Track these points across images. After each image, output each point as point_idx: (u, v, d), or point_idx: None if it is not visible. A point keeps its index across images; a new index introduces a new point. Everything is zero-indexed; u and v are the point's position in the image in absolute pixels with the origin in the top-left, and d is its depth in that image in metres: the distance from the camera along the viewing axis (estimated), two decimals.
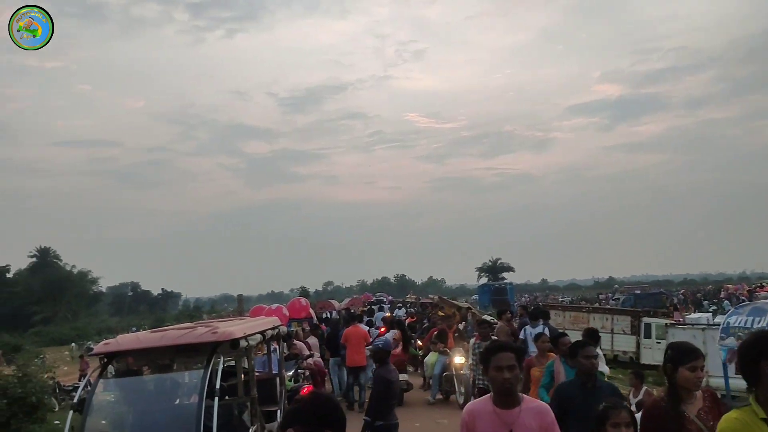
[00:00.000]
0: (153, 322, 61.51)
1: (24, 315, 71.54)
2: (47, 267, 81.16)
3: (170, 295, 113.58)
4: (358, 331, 14.05)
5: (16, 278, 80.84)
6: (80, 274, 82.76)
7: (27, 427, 17.62)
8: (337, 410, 2.24)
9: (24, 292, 75.20)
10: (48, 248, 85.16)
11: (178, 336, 6.03)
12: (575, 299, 66.04)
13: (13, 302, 74.19)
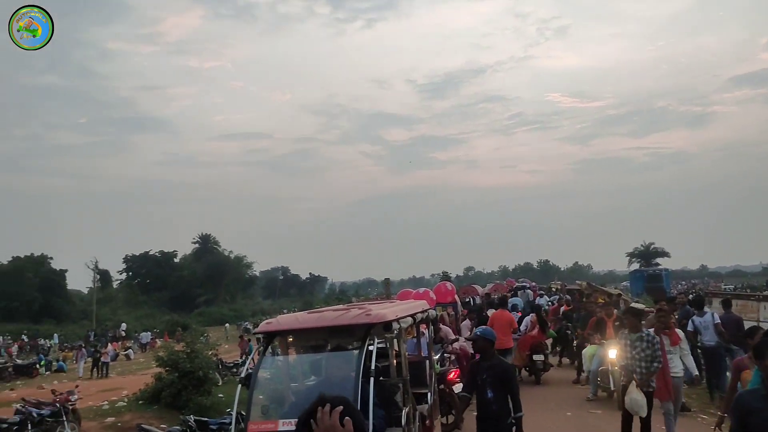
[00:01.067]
0: (302, 305, 64.68)
1: (189, 297, 78.06)
2: (208, 252, 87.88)
3: (317, 279, 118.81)
4: (504, 315, 14.70)
5: (182, 263, 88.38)
6: (237, 259, 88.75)
7: (196, 399, 19.14)
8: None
9: (189, 276, 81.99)
10: (209, 235, 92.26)
11: (334, 317, 6.18)
12: (740, 287, 60.63)
13: (181, 285, 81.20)
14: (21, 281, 64.61)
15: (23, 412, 15.77)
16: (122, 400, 20.84)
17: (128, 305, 75.18)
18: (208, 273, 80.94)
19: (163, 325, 58.28)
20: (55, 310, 66.66)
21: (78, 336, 48.92)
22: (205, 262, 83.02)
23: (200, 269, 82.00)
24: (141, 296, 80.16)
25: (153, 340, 45.35)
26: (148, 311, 72.59)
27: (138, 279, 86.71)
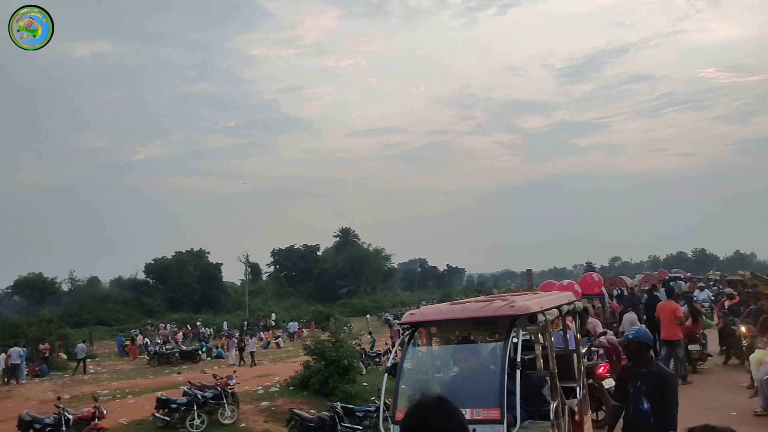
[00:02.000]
0: (441, 297, 64.98)
1: (332, 288, 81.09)
2: (348, 245, 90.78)
3: (455, 270, 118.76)
4: (670, 306, 14.53)
5: (325, 256, 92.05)
6: (376, 252, 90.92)
7: (342, 386, 19.82)
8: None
9: (331, 268, 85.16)
10: (348, 228, 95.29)
11: (477, 309, 6.12)
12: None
13: (324, 277, 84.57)
14: (183, 274, 70.50)
15: (189, 393, 17.18)
16: (274, 385, 22.07)
17: (277, 296, 79.59)
18: (349, 265, 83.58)
19: (308, 315, 61.01)
20: (212, 301, 72.11)
21: (233, 325, 52.52)
22: (346, 255, 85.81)
23: (341, 262, 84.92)
24: (288, 288, 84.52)
25: (300, 330, 47.63)
26: (294, 302, 76.43)
27: (284, 271, 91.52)
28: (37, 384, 26.69)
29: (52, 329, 35.91)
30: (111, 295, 66.28)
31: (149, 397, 20.28)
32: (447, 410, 2.20)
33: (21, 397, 23.01)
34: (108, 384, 25.60)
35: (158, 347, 35.02)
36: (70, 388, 23.76)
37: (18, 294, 67.33)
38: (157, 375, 28.52)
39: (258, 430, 16.85)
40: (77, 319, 57.26)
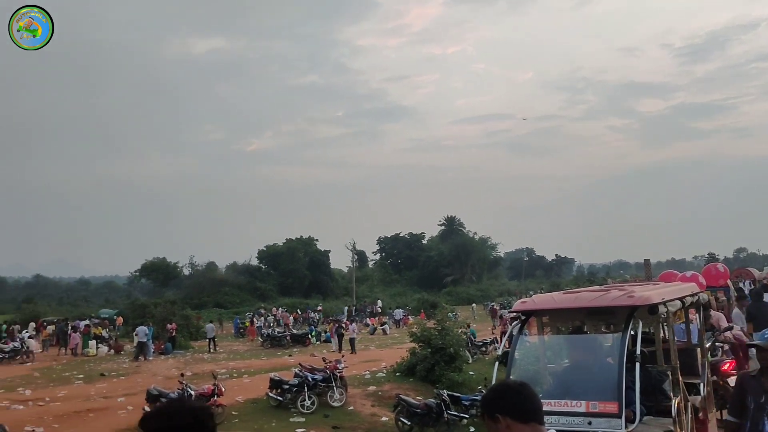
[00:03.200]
0: (549, 287, 63.30)
1: (437, 276, 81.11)
2: (454, 234, 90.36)
3: (564, 260, 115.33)
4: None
5: (430, 244, 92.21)
6: (481, 241, 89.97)
7: (448, 374, 19.77)
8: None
9: (437, 257, 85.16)
10: (454, 217, 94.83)
11: (592, 298, 5.87)
12: None
13: (429, 265, 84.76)
14: (293, 260, 73.05)
15: (301, 375, 17.75)
16: (381, 371, 22.38)
17: (383, 283, 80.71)
18: (454, 254, 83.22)
19: (414, 302, 61.42)
20: (321, 286, 74.25)
21: (341, 310, 53.84)
22: (451, 244, 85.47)
23: (447, 250, 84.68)
24: (393, 275, 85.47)
25: (406, 317, 48.04)
26: (400, 289, 77.18)
27: (390, 259, 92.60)
28: (162, 361, 28.57)
29: (175, 310, 38.33)
30: (227, 279, 69.87)
31: (263, 378, 21.16)
32: (530, 393, 2.43)
33: (148, 373, 24.72)
34: (225, 363, 26.99)
35: (271, 330, 36.49)
36: (192, 366, 25.27)
37: (145, 277, 72.32)
38: (269, 357, 29.74)
39: (365, 413, 17.16)
40: (197, 301, 60.81)
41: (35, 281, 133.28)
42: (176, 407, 2.13)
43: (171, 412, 2.08)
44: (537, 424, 2.43)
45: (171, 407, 2.12)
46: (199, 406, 2.21)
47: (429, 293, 68.14)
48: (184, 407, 2.14)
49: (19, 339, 32.30)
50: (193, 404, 2.29)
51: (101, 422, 15.95)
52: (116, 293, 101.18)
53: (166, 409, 2.10)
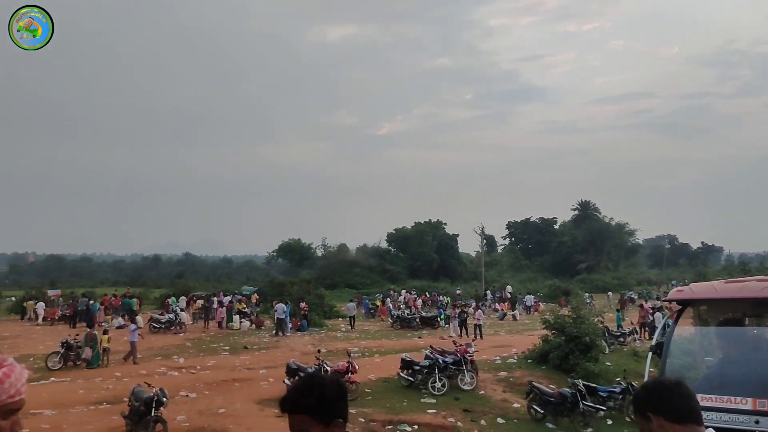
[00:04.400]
0: (694, 276, 59.16)
1: (570, 263, 78.39)
2: (588, 219, 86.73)
3: (711, 249, 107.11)
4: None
5: (562, 229, 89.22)
6: (618, 226, 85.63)
7: (583, 364, 19.10)
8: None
9: (570, 242, 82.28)
10: (588, 201, 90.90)
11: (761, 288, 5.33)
12: None
13: (561, 251, 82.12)
14: (422, 243, 73.61)
15: (431, 357, 17.89)
16: (512, 357, 22.05)
17: (512, 269, 79.33)
18: (589, 239, 79.96)
19: (545, 289, 59.86)
20: (449, 270, 74.28)
21: (469, 294, 53.59)
22: (585, 229, 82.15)
23: (580, 236, 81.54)
24: (523, 260, 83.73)
25: (537, 303, 46.94)
26: (530, 275, 75.49)
27: (520, 244, 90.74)
28: (299, 337, 29.93)
29: (310, 289, 39.97)
30: (358, 261, 71.76)
31: (393, 358, 21.56)
32: (686, 392, 2.31)
33: (286, 348, 26.00)
34: (357, 342, 27.78)
35: (401, 312, 37.06)
36: (326, 343, 26.25)
37: (281, 257, 76.00)
38: (399, 338, 30.23)
39: (497, 398, 16.99)
40: (330, 281, 63.03)
41: (185, 259, 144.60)
42: (327, 379, 2.18)
43: (323, 383, 2.13)
44: (694, 425, 2.30)
45: (321, 380, 2.16)
46: (339, 378, 2.31)
47: (561, 280, 66.11)
48: (332, 379, 2.21)
49: (173, 311, 35.17)
50: (336, 377, 2.41)
51: (246, 392, 17.01)
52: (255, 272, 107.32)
53: (317, 381, 2.14)
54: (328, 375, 2.43)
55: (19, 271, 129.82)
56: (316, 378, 2.16)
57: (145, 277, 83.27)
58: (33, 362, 21.95)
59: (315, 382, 2.13)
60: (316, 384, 2.12)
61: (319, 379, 2.15)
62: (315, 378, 2.16)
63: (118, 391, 16.67)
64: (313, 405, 2.06)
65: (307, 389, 2.10)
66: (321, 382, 2.13)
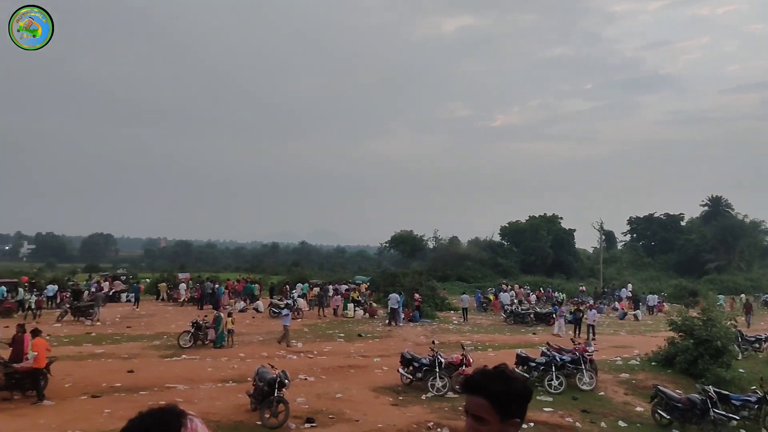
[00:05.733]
0: None
1: (698, 262, 73.56)
2: (719, 216, 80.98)
3: None
4: None
5: (689, 226, 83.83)
6: (753, 224, 79.28)
7: (713, 369, 17.92)
8: None
9: (698, 240, 77.19)
10: (719, 197, 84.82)
11: None
12: None
13: (687, 249, 77.21)
14: (536, 238, 71.80)
15: (548, 355, 17.43)
16: (634, 358, 21.06)
17: (633, 266, 75.55)
18: (720, 237, 74.47)
19: (670, 289, 56.62)
20: (564, 266, 71.95)
21: (588, 293, 51.62)
22: (716, 226, 76.61)
23: (710, 233, 76.19)
24: (645, 258, 79.49)
25: (660, 303, 44.50)
26: (653, 274, 71.55)
27: (642, 241, 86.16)
28: (411, 328, 30.17)
29: (422, 281, 40.15)
30: (470, 254, 71.18)
31: (507, 353, 21.24)
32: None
33: (399, 338, 26.30)
34: (470, 336, 27.60)
35: (515, 307, 36.40)
36: (438, 335, 26.27)
37: (394, 248, 76.76)
38: (513, 333, 29.71)
39: (618, 401, 16.30)
40: (441, 273, 62.97)
41: (301, 247, 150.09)
42: (518, 377, 2.17)
43: (514, 378, 2.12)
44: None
45: (512, 374, 2.16)
46: (527, 383, 2.28)
47: (687, 280, 62.19)
48: (523, 379, 2.21)
49: (291, 298, 36.56)
50: (526, 379, 2.37)
51: (361, 378, 17.39)
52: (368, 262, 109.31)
53: (509, 374, 2.13)
54: (519, 374, 2.42)
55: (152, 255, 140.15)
56: (509, 371, 2.15)
57: (264, 264, 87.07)
58: (167, 340, 23.63)
59: (507, 374, 2.11)
60: (508, 376, 2.10)
61: (511, 373, 2.15)
62: (508, 371, 2.15)
63: (242, 371, 17.57)
64: (498, 393, 2.04)
65: (498, 377, 2.09)
66: (512, 376, 2.12)
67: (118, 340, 23.87)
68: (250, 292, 40.26)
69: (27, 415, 12.93)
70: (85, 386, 15.35)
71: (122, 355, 20.10)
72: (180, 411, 1.62)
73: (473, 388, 2.09)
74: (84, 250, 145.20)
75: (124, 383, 15.78)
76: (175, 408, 1.63)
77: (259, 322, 30.75)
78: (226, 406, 13.77)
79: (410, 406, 14.44)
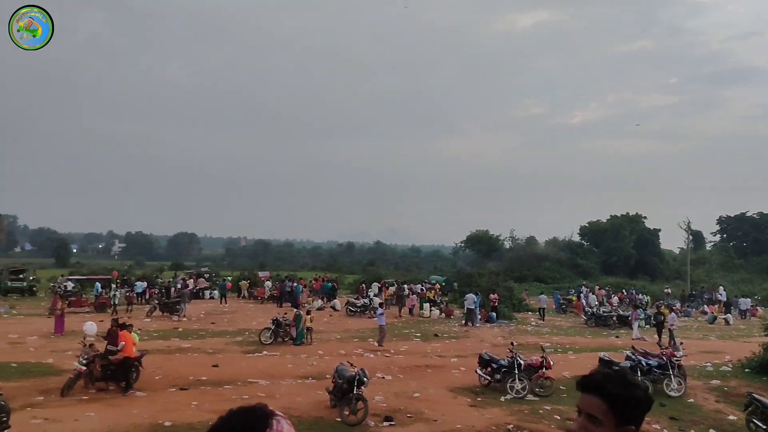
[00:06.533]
0: None
1: None
2: None
3: None
4: None
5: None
6: None
7: None
8: None
9: None
10: None
11: None
12: None
13: None
14: (618, 238, 69.46)
15: (633, 359, 16.81)
16: (726, 365, 20.02)
17: (722, 268, 71.82)
18: None
19: (764, 292, 53.53)
20: (649, 267, 69.24)
21: (674, 296, 49.48)
22: None
23: None
24: (737, 260, 75.43)
25: (753, 308, 42.10)
26: (745, 276, 67.73)
27: (733, 241, 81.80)
28: (488, 329, 29.82)
29: (498, 281, 39.60)
30: (547, 254, 69.63)
31: (589, 356, 20.65)
32: None
33: (476, 338, 26.05)
34: (549, 338, 26.99)
35: (596, 309, 35.34)
36: (516, 336, 25.84)
37: (469, 248, 76.01)
38: (594, 336, 28.84)
39: (708, 408, 15.52)
40: (518, 274, 61.96)
41: (376, 247, 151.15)
42: (641, 384, 2.11)
43: (636, 384, 2.05)
44: None
45: (635, 380, 2.11)
46: (649, 392, 2.20)
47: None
48: (645, 388, 2.21)
49: (367, 296, 36.89)
50: (647, 388, 2.30)
51: (438, 378, 17.32)
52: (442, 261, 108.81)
53: (631, 379, 2.08)
54: (642, 381, 2.36)
55: (233, 254, 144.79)
56: (631, 376, 2.09)
57: (339, 263, 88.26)
58: (248, 336, 24.35)
59: (629, 378, 2.05)
60: (630, 381, 2.04)
61: (633, 378, 2.09)
62: (630, 375, 2.10)
63: (321, 368, 17.87)
64: (617, 396, 1.98)
65: (619, 380, 2.03)
66: (635, 382, 2.06)
67: (202, 335, 24.79)
68: (328, 290, 40.91)
69: (121, 404, 13.61)
70: (174, 379, 16.01)
71: (207, 350, 20.86)
72: (268, 411, 1.64)
73: (590, 387, 2.03)
74: (170, 248, 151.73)
75: (209, 377, 16.37)
76: (263, 408, 1.65)
77: (337, 321, 31.21)
78: (306, 402, 14.03)
79: (489, 408, 14.26)
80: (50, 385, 14.95)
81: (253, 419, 1.60)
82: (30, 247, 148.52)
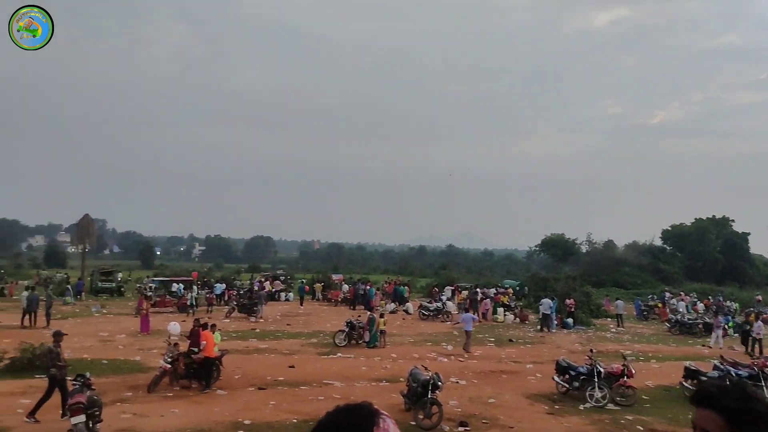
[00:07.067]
0: None
1: None
2: None
3: None
4: None
5: None
6: None
7: None
8: None
9: None
10: None
11: None
12: None
13: None
14: (704, 242, 66.32)
15: (721, 369, 16.00)
16: None
17: None
18: None
19: None
20: (737, 273, 65.76)
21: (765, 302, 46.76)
22: None
23: None
24: None
25: None
26: None
27: None
28: (565, 335, 29.06)
29: (575, 286, 38.59)
30: (627, 258, 67.21)
31: (673, 365, 19.81)
32: None
33: (552, 345, 25.44)
34: (630, 345, 26.04)
35: (680, 316, 33.85)
36: (594, 343, 25.04)
37: (544, 252, 74.50)
38: (679, 344, 27.63)
39: None
40: (595, 279, 60.07)
41: (448, 250, 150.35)
42: (763, 397, 1.98)
43: (756, 398, 1.92)
44: None
45: (755, 393, 1.97)
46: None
47: None
48: (755, 391, 2.02)
49: (440, 300, 36.72)
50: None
51: (513, 384, 17.01)
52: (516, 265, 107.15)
53: (751, 392, 1.96)
54: (761, 393, 2.21)
55: (307, 257, 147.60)
56: (751, 389, 1.96)
57: (411, 266, 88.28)
58: (323, 338, 24.69)
59: (747, 391, 1.93)
60: (748, 393, 1.92)
61: (752, 390, 1.95)
62: (749, 388, 1.96)
63: (394, 371, 17.91)
64: (734, 410, 1.86)
65: (736, 392, 1.91)
66: (753, 394, 1.93)
67: (279, 336, 25.33)
68: (400, 294, 40.98)
69: (203, 402, 14.08)
70: (252, 378, 16.43)
71: (283, 351, 21.30)
72: (374, 410, 1.62)
73: (705, 401, 1.91)
74: (246, 251, 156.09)
75: (286, 377, 16.70)
76: (370, 406, 1.64)
77: (410, 324, 31.19)
78: (380, 404, 13.65)
79: (567, 416, 13.88)
80: (138, 381, 15.65)
81: (361, 417, 1.59)
82: (118, 250, 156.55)
